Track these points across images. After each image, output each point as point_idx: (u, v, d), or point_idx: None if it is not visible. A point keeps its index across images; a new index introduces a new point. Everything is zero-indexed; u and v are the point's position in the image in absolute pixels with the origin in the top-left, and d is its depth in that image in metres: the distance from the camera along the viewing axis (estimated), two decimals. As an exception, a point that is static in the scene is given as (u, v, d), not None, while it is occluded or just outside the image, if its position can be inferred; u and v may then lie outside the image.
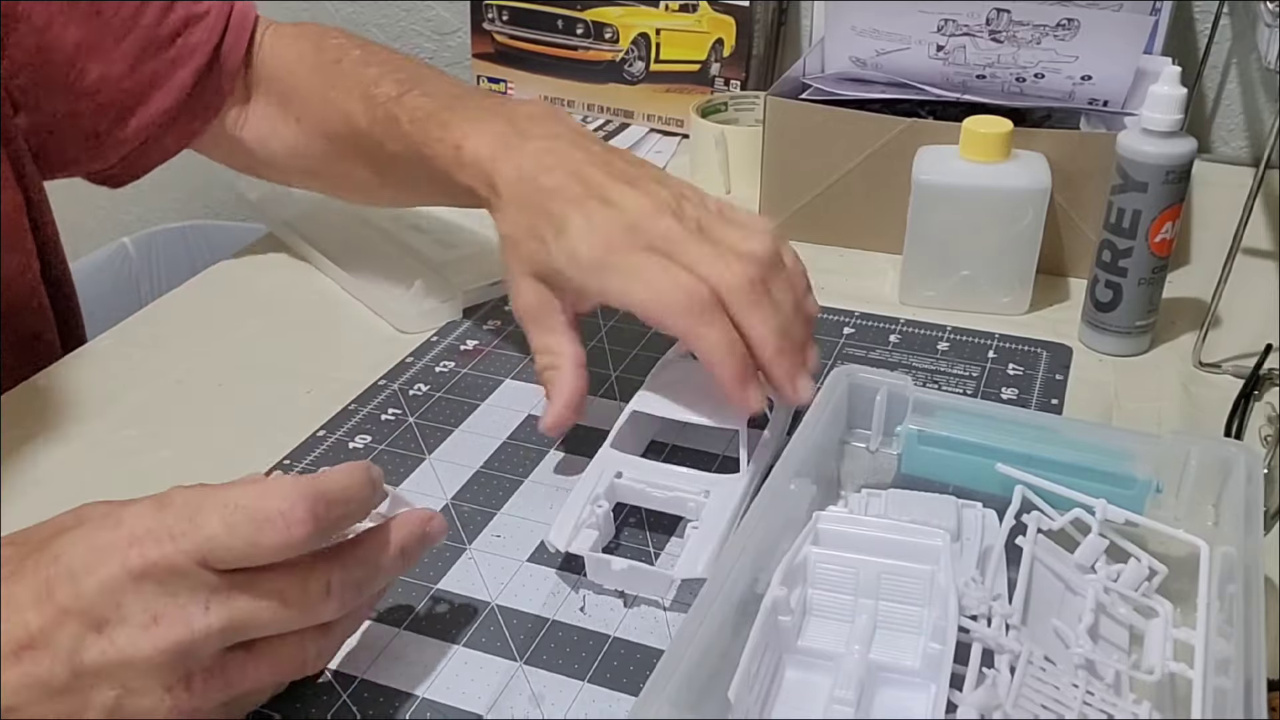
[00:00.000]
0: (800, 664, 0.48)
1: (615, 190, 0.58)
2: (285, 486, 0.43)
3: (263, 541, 0.42)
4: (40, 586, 0.41)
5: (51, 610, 0.41)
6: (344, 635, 0.48)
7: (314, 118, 0.77)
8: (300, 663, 0.45)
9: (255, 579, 0.43)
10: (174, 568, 0.41)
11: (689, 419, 0.60)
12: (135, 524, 0.42)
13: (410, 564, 0.48)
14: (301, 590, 0.44)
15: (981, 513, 0.54)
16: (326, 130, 0.77)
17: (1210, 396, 0.69)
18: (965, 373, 0.71)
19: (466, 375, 0.73)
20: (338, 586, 0.44)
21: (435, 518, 0.49)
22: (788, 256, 0.59)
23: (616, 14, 1.11)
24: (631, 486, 0.58)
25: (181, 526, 0.42)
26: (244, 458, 0.65)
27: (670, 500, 0.58)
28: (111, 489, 0.63)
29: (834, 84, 0.88)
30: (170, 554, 0.41)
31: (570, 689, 0.50)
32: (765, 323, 0.55)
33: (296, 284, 0.86)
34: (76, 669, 0.41)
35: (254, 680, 0.44)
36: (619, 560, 0.54)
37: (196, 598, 0.42)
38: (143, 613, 0.41)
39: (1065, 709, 0.44)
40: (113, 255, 1.31)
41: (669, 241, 0.56)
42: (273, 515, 0.42)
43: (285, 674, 0.46)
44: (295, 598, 0.43)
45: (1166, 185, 0.68)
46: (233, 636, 0.43)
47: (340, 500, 0.44)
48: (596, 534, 0.56)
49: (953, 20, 0.84)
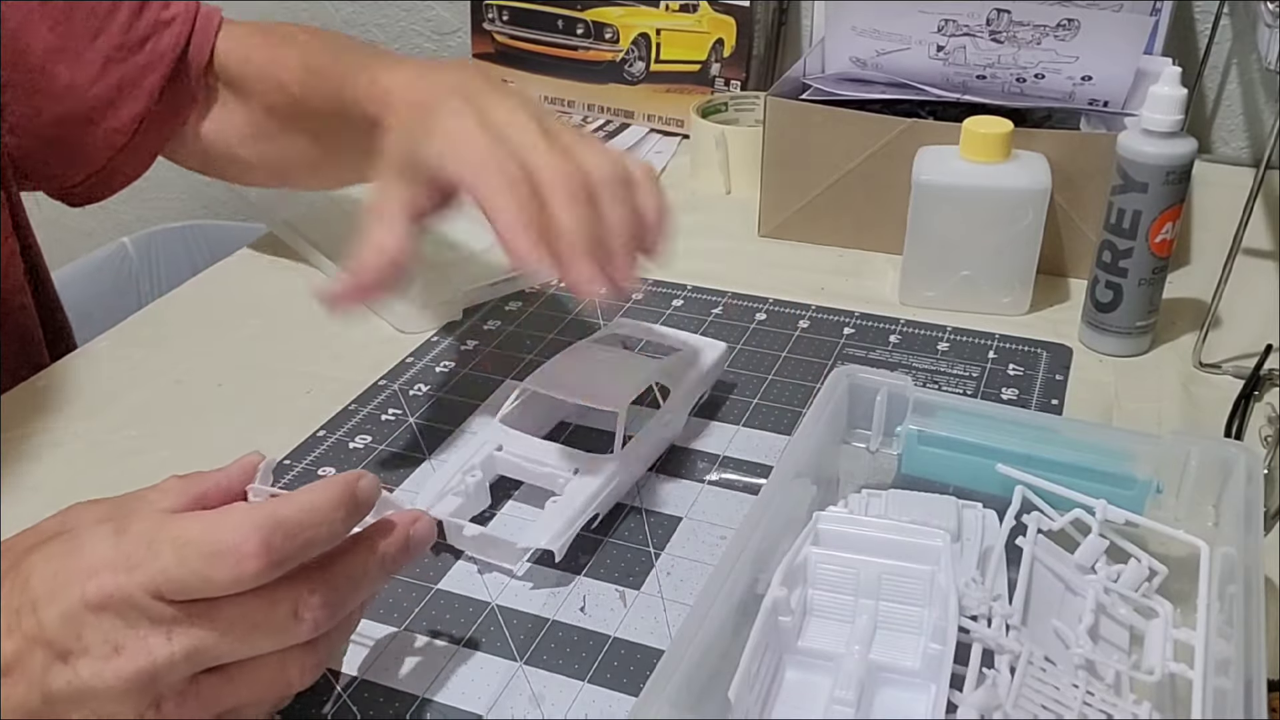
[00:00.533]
0: (800, 664, 0.48)
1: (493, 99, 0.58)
2: (239, 517, 0.41)
3: (213, 577, 0.40)
4: (11, 614, 0.41)
5: (20, 638, 0.41)
6: (330, 649, 0.45)
7: (259, 93, 0.78)
8: (284, 681, 0.43)
9: (216, 607, 0.41)
10: (130, 600, 0.40)
11: (573, 399, 0.62)
12: (93, 553, 0.41)
13: (393, 573, 0.47)
14: (267, 615, 0.42)
15: (982, 513, 0.54)
16: (269, 103, 0.77)
17: (1210, 397, 0.69)
18: (965, 373, 0.71)
19: (467, 375, 0.73)
20: (308, 608, 0.42)
21: (420, 520, 0.47)
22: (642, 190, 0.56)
23: (617, 14, 1.11)
24: (508, 460, 0.60)
25: (138, 556, 0.41)
26: (244, 458, 0.65)
27: (541, 475, 0.59)
28: (111, 489, 0.63)
29: (834, 84, 0.88)
30: (125, 585, 0.40)
31: (570, 689, 0.49)
32: (576, 220, 0.52)
33: (296, 284, 0.85)
34: (47, 696, 0.41)
35: (233, 699, 0.43)
36: (471, 526, 0.56)
37: (157, 629, 0.41)
38: (104, 644, 0.40)
39: (1065, 709, 0.44)
40: (113, 255, 1.30)
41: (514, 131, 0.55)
42: (224, 549, 0.40)
43: (267, 693, 0.44)
44: (261, 622, 0.42)
45: (1167, 186, 0.68)
46: (201, 663, 0.42)
47: (300, 528, 0.42)
48: (461, 501, 0.57)
49: (953, 20, 0.84)
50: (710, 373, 0.67)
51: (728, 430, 0.66)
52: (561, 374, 0.63)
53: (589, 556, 0.57)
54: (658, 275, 0.84)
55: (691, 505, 0.60)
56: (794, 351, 0.74)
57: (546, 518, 0.55)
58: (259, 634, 0.42)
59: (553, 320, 0.79)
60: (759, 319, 0.78)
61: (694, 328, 0.75)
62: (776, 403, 0.69)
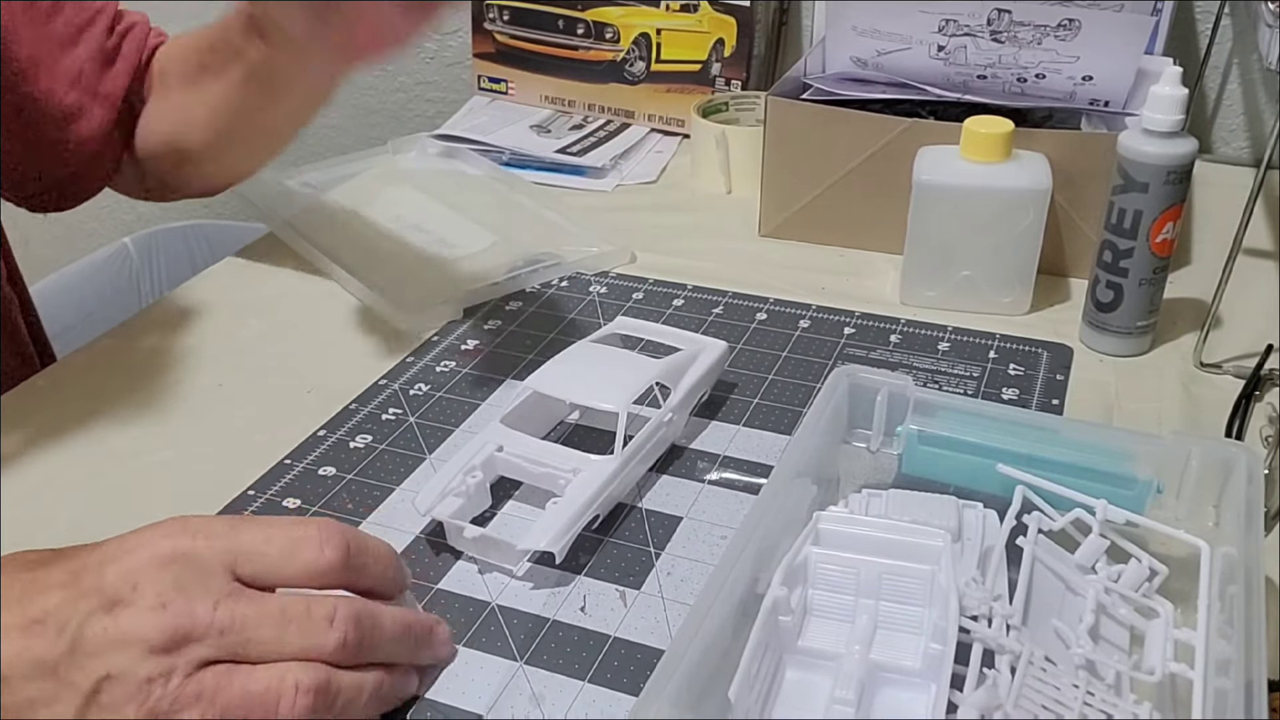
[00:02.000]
0: (801, 664, 0.48)
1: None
2: (321, 520, 0.47)
3: (296, 555, 0.45)
4: (71, 571, 0.43)
5: (73, 591, 0.43)
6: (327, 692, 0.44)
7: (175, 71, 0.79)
8: (275, 694, 0.42)
9: (266, 597, 0.44)
10: (198, 562, 0.43)
11: (573, 399, 0.62)
12: (179, 522, 0.45)
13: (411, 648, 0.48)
14: (307, 612, 0.44)
15: (982, 513, 0.54)
16: (182, 71, 0.78)
17: (1211, 397, 0.69)
18: (966, 373, 0.71)
19: (467, 375, 0.73)
20: (342, 620, 0.45)
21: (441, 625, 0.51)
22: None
23: (617, 14, 1.11)
24: (509, 460, 0.60)
25: (220, 530, 0.45)
26: (244, 458, 0.65)
27: (542, 475, 0.59)
28: (112, 489, 0.64)
29: (835, 84, 0.88)
30: (201, 548, 0.44)
31: (570, 689, 0.49)
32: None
33: (297, 284, 0.85)
34: (74, 643, 0.42)
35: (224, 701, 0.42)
36: (472, 528, 0.56)
37: (207, 597, 0.43)
38: (155, 596, 0.42)
39: (1066, 709, 0.44)
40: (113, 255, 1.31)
41: None
42: (310, 536, 0.45)
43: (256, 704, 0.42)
44: (298, 616, 0.44)
45: (1167, 186, 0.68)
46: (230, 643, 0.43)
47: (369, 550, 0.48)
48: (462, 502, 0.58)
49: (954, 20, 0.84)
50: (711, 373, 0.67)
51: (728, 430, 0.66)
52: (562, 374, 0.63)
53: (589, 556, 0.57)
54: (658, 275, 0.84)
55: (692, 505, 0.60)
56: (794, 351, 0.74)
57: (547, 518, 0.55)
58: (293, 628, 0.44)
59: (553, 320, 0.79)
60: (759, 319, 0.78)
61: (694, 327, 0.75)
62: (777, 402, 0.69)
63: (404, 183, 1.01)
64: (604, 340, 0.69)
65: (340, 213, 0.92)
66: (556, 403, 0.64)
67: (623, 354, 0.67)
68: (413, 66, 1.35)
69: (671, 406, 0.63)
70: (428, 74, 1.35)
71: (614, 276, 0.84)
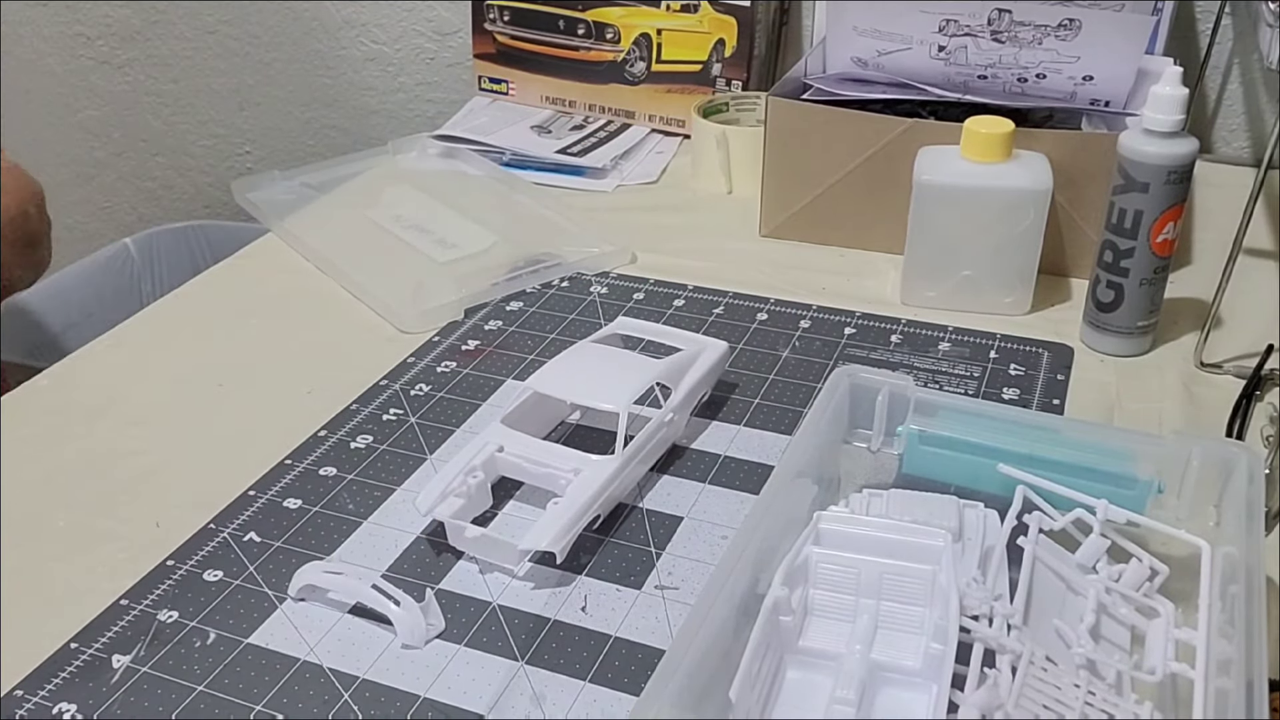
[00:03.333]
0: (801, 664, 0.48)
1: None
2: None
3: None
4: None
5: None
6: None
7: None
8: None
9: None
10: None
11: (574, 399, 0.62)
12: None
13: None
14: None
15: (983, 513, 0.54)
16: None
17: (1212, 397, 0.69)
18: (967, 373, 0.71)
19: (468, 375, 0.73)
20: None
21: None
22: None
23: (618, 14, 1.11)
24: (510, 460, 0.60)
25: None
26: (244, 458, 0.65)
27: (543, 476, 0.59)
28: (112, 489, 0.64)
29: (835, 84, 0.88)
30: None
31: (571, 689, 0.49)
32: None
33: (297, 284, 0.85)
34: None
35: None
36: (473, 529, 0.56)
37: None
38: None
39: (1067, 709, 0.43)
40: (114, 255, 1.31)
41: None
42: None
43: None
44: None
45: (1168, 186, 0.68)
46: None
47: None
48: (463, 502, 0.58)
49: (954, 20, 0.84)
50: (711, 373, 0.67)
51: (729, 430, 0.66)
52: (562, 374, 0.63)
53: (590, 556, 0.57)
54: (659, 275, 0.84)
55: (692, 505, 0.60)
56: (795, 351, 0.74)
57: (548, 519, 0.55)
58: None
59: (553, 320, 0.79)
60: (760, 319, 0.78)
61: (695, 327, 0.75)
62: (778, 403, 0.69)
63: (404, 183, 1.01)
64: (605, 340, 0.69)
65: (340, 213, 0.92)
66: (557, 403, 0.64)
67: (623, 354, 0.67)
68: (413, 67, 1.35)
69: (672, 407, 0.63)
70: (428, 74, 1.35)
71: (615, 277, 0.84)
